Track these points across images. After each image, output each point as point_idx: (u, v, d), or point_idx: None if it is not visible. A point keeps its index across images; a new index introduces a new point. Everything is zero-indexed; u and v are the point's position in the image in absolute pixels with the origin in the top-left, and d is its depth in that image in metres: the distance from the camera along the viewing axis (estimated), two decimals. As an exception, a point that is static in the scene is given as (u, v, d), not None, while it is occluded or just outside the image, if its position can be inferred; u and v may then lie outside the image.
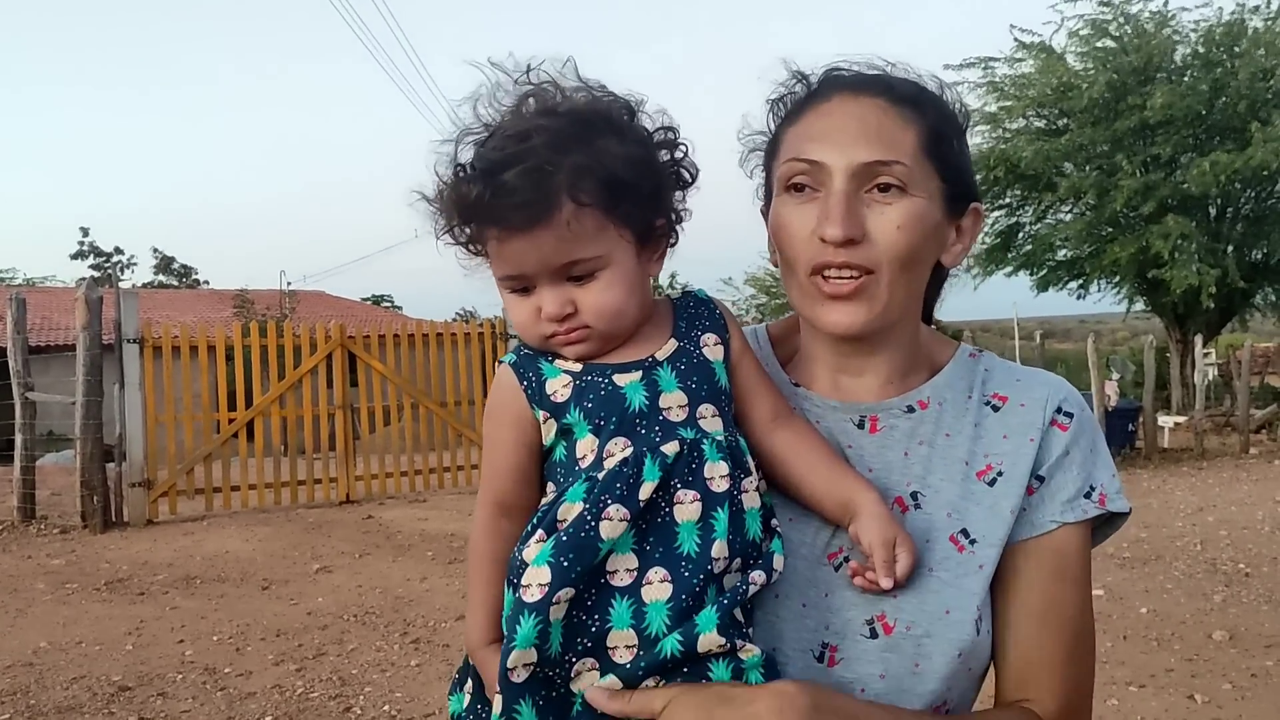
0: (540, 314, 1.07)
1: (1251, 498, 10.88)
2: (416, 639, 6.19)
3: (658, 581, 1.01)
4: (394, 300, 43.83)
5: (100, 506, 10.34)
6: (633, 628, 1.00)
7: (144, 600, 7.38)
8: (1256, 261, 20.56)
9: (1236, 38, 18.71)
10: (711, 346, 1.13)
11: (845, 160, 1.10)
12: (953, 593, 1.10)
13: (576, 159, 1.02)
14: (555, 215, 1.02)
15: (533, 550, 1.02)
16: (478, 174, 1.04)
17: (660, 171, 1.10)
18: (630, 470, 1.02)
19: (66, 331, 22.47)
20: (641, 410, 1.06)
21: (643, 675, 1.00)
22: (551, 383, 1.09)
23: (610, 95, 1.10)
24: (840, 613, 1.11)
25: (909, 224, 1.10)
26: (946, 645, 1.08)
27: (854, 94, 1.14)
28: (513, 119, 1.07)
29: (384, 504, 12.04)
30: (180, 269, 51.27)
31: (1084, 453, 1.18)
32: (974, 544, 1.13)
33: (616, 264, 1.07)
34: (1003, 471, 1.16)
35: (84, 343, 10.45)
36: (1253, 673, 5.21)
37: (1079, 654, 1.16)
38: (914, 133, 1.11)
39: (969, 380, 1.23)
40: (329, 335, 12.51)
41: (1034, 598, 1.15)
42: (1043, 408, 1.19)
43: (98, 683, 5.48)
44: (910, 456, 1.17)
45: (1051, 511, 1.16)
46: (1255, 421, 17.07)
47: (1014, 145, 19.50)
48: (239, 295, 27.63)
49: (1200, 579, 7.27)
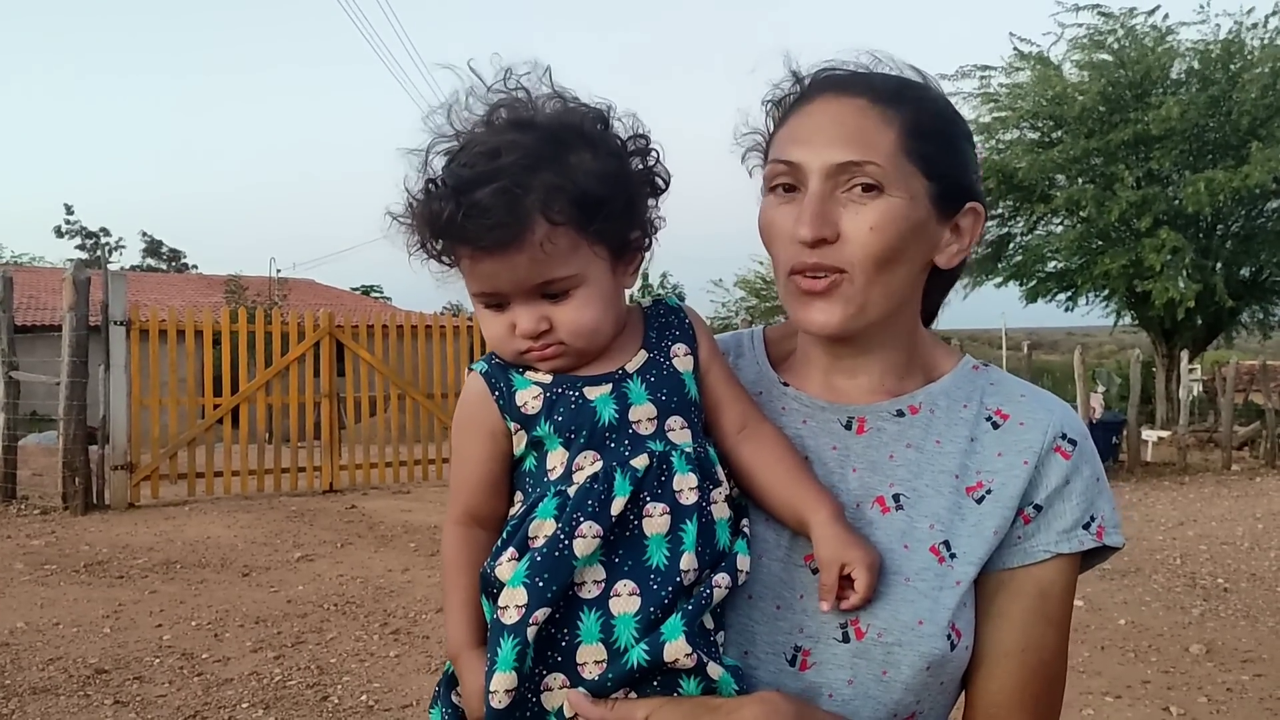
0: (514, 330, 1.07)
1: (1232, 514, 10.94)
2: (396, 630, 6.18)
3: (625, 594, 1.01)
4: (383, 291, 43.68)
5: (82, 488, 10.29)
6: (601, 641, 1.00)
7: (123, 584, 7.34)
8: (1244, 279, 20.71)
9: (1233, 55, 18.82)
10: (681, 357, 1.12)
11: (820, 161, 1.10)
12: (927, 604, 1.09)
13: (549, 177, 1.01)
14: (528, 236, 1.01)
15: (506, 569, 1.02)
16: (449, 191, 1.02)
17: (634, 183, 1.09)
18: (601, 486, 1.03)
19: (53, 311, 22.34)
20: (611, 424, 1.06)
21: (611, 687, 1.00)
22: (522, 394, 1.08)
23: (582, 105, 1.09)
24: (815, 616, 1.10)
25: (883, 224, 1.09)
26: (915, 656, 1.07)
27: (837, 94, 1.14)
28: (484, 132, 1.05)
29: (368, 494, 12.01)
30: (168, 253, 51.10)
31: (1086, 482, 1.16)
32: (954, 558, 1.12)
33: (591, 281, 1.06)
34: (992, 490, 1.15)
35: (70, 323, 10.39)
36: (1228, 687, 5.24)
37: (1049, 697, 1.16)
38: (894, 131, 1.10)
39: (969, 391, 1.21)
40: (317, 324, 12.47)
41: (1014, 633, 1.14)
42: (1043, 431, 1.17)
43: (74, 665, 5.45)
44: (896, 459, 1.16)
45: (1047, 541, 1.15)
46: (1238, 438, 17.16)
47: (1008, 156, 19.58)
48: (231, 280, 27.54)
49: (1179, 592, 7.31)
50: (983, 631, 1.14)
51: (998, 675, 1.14)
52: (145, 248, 50.71)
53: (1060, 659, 1.17)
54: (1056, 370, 28.44)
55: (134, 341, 11.09)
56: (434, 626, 6.24)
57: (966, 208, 1.17)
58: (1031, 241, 21.49)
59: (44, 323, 23.17)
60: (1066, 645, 1.19)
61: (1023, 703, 1.14)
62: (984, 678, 1.14)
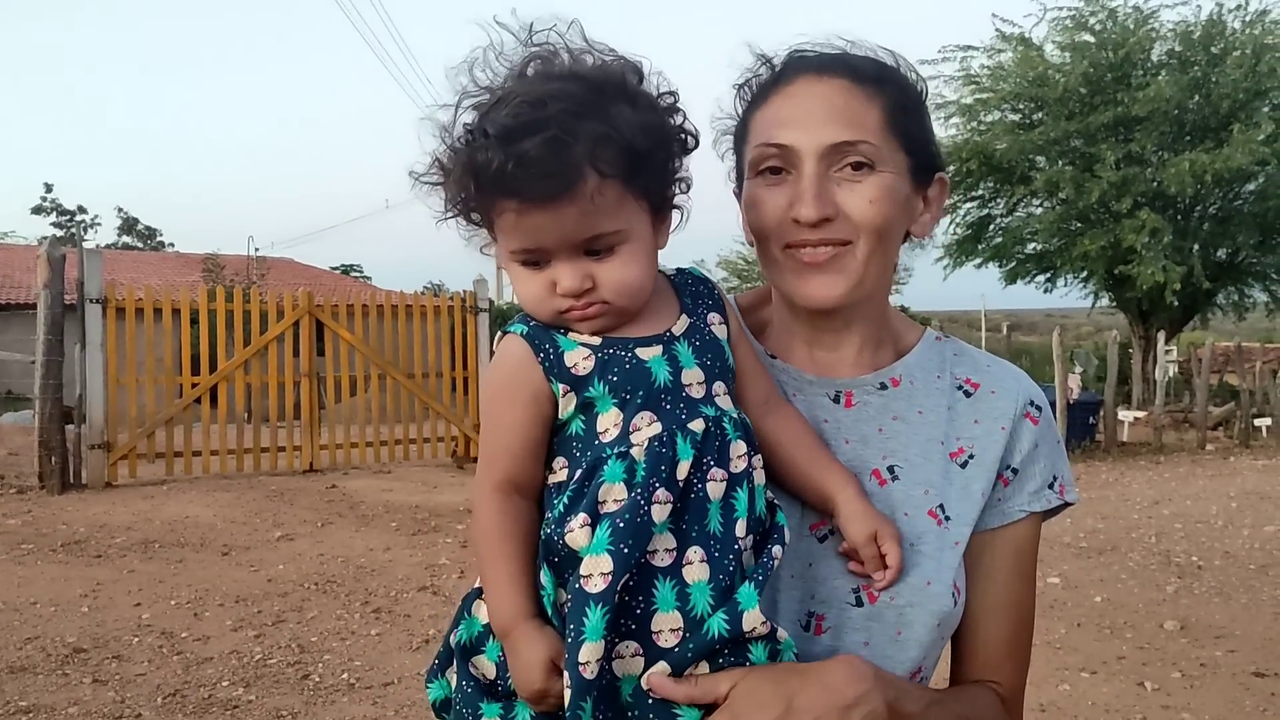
0: (554, 289, 1.03)
1: (1206, 493, 11.07)
2: (378, 608, 6.18)
3: (697, 561, 1.00)
4: (363, 270, 43.42)
5: (58, 467, 10.22)
6: (678, 610, 0.99)
7: (101, 563, 7.30)
8: (1221, 261, 20.86)
9: (1214, 37, 18.89)
10: (718, 325, 1.12)
11: (814, 142, 1.12)
12: (933, 565, 1.14)
13: (596, 127, 0.98)
14: (580, 187, 0.98)
15: (581, 536, 0.98)
16: (494, 141, 0.97)
17: (671, 138, 1.08)
18: (668, 450, 1.01)
19: (28, 290, 22.10)
20: (666, 385, 1.04)
21: (691, 659, 0.98)
22: (571, 355, 1.05)
23: (619, 58, 1.06)
24: (826, 582, 1.14)
25: (881, 197, 1.13)
26: (927, 615, 1.13)
27: (818, 75, 1.16)
28: (522, 83, 1.02)
29: (348, 474, 11.97)
30: (145, 230, 50.56)
31: (1050, 445, 1.25)
32: (949, 520, 1.18)
33: (635, 237, 1.04)
34: (974, 455, 1.21)
35: (45, 301, 10.28)
36: (1202, 662, 5.31)
37: (1027, 644, 1.27)
38: (878, 110, 1.14)
39: (939, 362, 1.27)
40: (297, 303, 12.39)
41: (999, 590, 1.23)
42: (1014, 399, 1.24)
43: (52, 644, 5.42)
44: (885, 432, 1.21)
45: (1020, 501, 1.23)
46: (1213, 419, 17.35)
47: (988, 137, 19.62)
48: (209, 259, 27.28)
49: (1154, 570, 7.39)
50: (972, 590, 1.21)
51: (988, 628, 1.22)
52: (121, 225, 50.16)
53: (1032, 610, 1.27)
54: (1035, 351, 28.62)
55: (110, 320, 11.00)
56: (415, 605, 6.24)
57: (935, 178, 1.23)
58: (1011, 223, 21.58)
59: (19, 301, 22.91)
60: (1035, 597, 1.29)
61: (1010, 652, 1.24)
62: (976, 632, 1.23)
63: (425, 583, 6.78)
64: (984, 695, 1.21)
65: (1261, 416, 16.84)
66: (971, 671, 1.23)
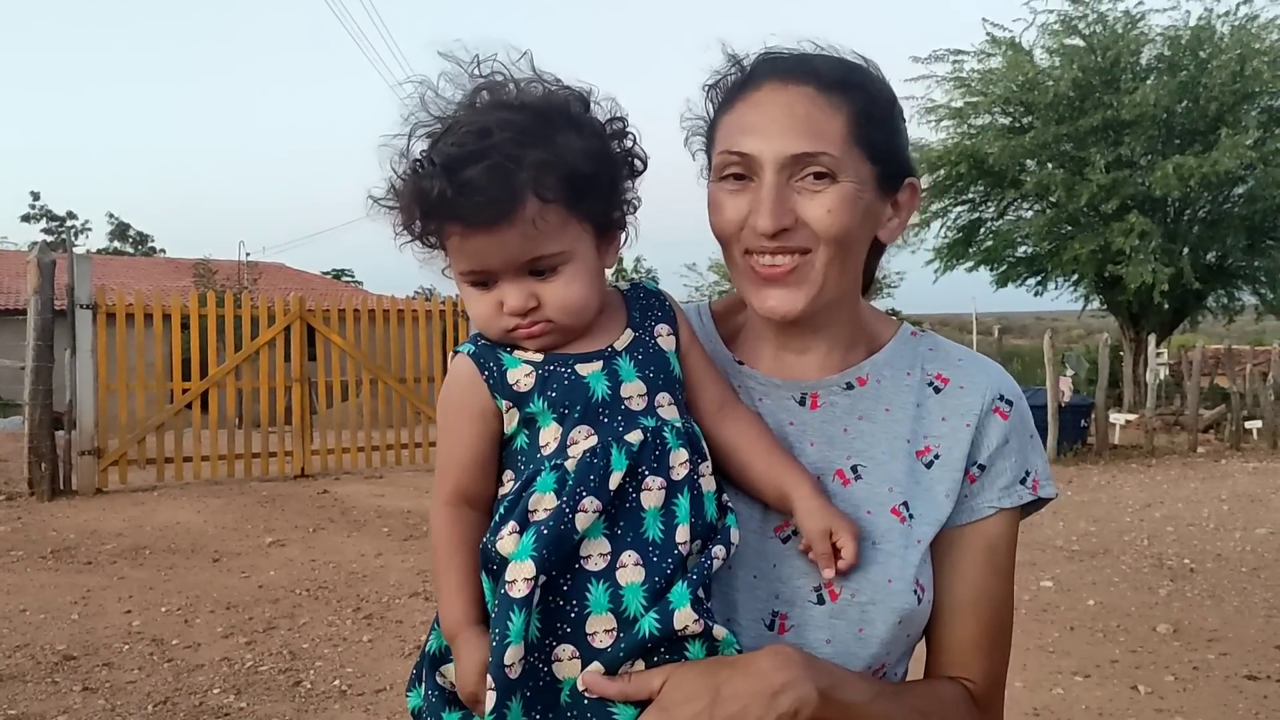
0: (502, 308, 1.08)
1: (1198, 495, 11.10)
2: (369, 615, 6.16)
3: (631, 565, 1.04)
4: (355, 275, 43.33)
5: (48, 474, 10.16)
6: (610, 611, 1.02)
7: (91, 570, 7.26)
8: (1211, 264, 20.95)
9: (1203, 41, 18.98)
10: (664, 337, 1.16)
11: (774, 152, 1.13)
12: (896, 563, 1.15)
13: (539, 155, 1.03)
14: (520, 212, 1.02)
15: (509, 543, 1.02)
16: (438, 170, 1.03)
17: (616, 163, 1.12)
18: (600, 461, 1.04)
19: (17, 295, 22.00)
20: (604, 399, 1.09)
21: (623, 658, 1.02)
22: (513, 372, 1.09)
23: (564, 87, 1.11)
24: (789, 582, 1.16)
25: (839, 207, 1.13)
26: (889, 612, 1.14)
27: (783, 83, 1.16)
28: (469, 113, 1.06)
29: (340, 479, 11.94)
30: (136, 236, 50.45)
31: (1022, 439, 1.25)
32: (913, 519, 1.18)
33: (578, 258, 1.09)
34: (939, 455, 1.22)
35: (35, 307, 10.23)
36: (1194, 665, 5.32)
37: (1002, 640, 1.26)
38: (842, 119, 1.14)
39: (910, 358, 1.28)
40: (288, 308, 12.35)
41: (969, 587, 1.22)
42: (982, 394, 1.24)
43: (41, 651, 5.39)
44: (850, 432, 1.22)
45: (990, 497, 1.23)
46: (1204, 421, 17.40)
47: (979, 141, 19.69)
48: (200, 264, 27.21)
49: (1146, 573, 7.41)
50: (940, 586, 1.21)
51: (957, 625, 1.22)
52: (112, 230, 50.04)
53: (1009, 605, 1.27)
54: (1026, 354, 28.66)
55: (100, 325, 10.94)
56: (408, 611, 6.22)
57: (905, 184, 1.23)
58: (1002, 226, 21.66)
59: (8, 306, 22.82)
60: (1012, 593, 1.28)
61: (981, 648, 1.23)
62: (945, 628, 1.23)
63: (417, 589, 6.75)
64: (949, 690, 1.22)
65: (1252, 419, 16.89)
66: (942, 667, 1.24)
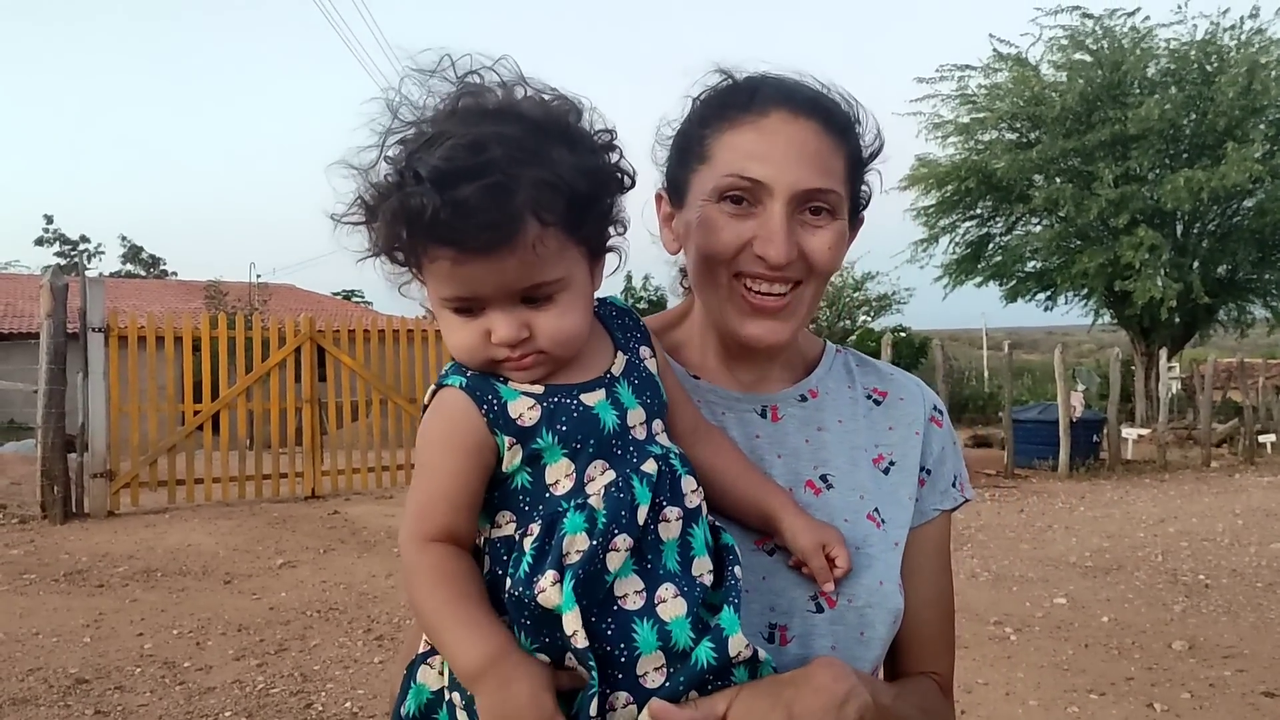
0: (489, 337, 0.99)
1: (1212, 510, 11.02)
2: (380, 636, 6.15)
3: (670, 598, 0.99)
4: (364, 296, 43.45)
5: (61, 497, 10.19)
6: (660, 649, 0.97)
7: (103, 592, 7.27)
8: (1221, 277, 20.89)
9: (1210, 56, 18.99)
10: (649, 359, 1.10)
11: (787, 184, 1.13)
12: (882, 565, 1.19)
13: (539, 173, 0.93)
14: (521, 237, 0.93)
15: (553, 594, 0.94)
16: (427, 185, 0.92)
17: (611, 181, 1.03)
18: (625, 495, 0.99)
19: (30, 319, 22.13)
20: (615, 430, 1.02)
21: (683, 691, 0.97)
22: (515, 405, 1.00)
23: (557, 95, 1.01)
24: (784, 594, 1.16)
25: (837, 245, 1.18)
26: (885, 614, 1.17)
27: (794, 114, 1.16)
28: (455, 123, 0.96)
29: (350, 500, 11.94)
30: (148, 258, 50.72)
31: (951, 447, 1.34)
32: (885, 523, 1.23)
33: (574, 285, 1.01)
34: (895, 461, 1.28)
35: (48, 330, 10.29)
36: (1211, 682, 5.27)
37: (953, 633, 1.34)
38: (842, 159, 1.18)
39: (843, 373, 1.33)
40: (298, 329, 12.40)
41: (928, 587, 1.28)
42: (921, 404, 1.32)
43: (54, 675, 5.39)
44: (812, 443, 1.25)
45: (934, 500, 1.31)
46: (1217, 435, 17.32)
47: (986, 156, 19.70)
48: (211, 286, 27.34)
49: (1161, 589, 7.35)
50: (905, 587, 1.24)
51: (923, 622, 1.28)
52: (124, 254, 50.32)
53: (953, 601, 1.35)
54: (1037, 369, 28.58)
55: (113, 348, 11.00)
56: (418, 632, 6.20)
57: (859, 218, 1.28)
58: (1010, 242, 21.65)
59: (21, 330, 22.93)
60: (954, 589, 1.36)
61: (943, 642, 1.31)
62: (913, 626, 1.26)
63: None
64: (929, 686, 1.28)
65: (1266, 433, 16.82)
66: (913, 664, 1.28)
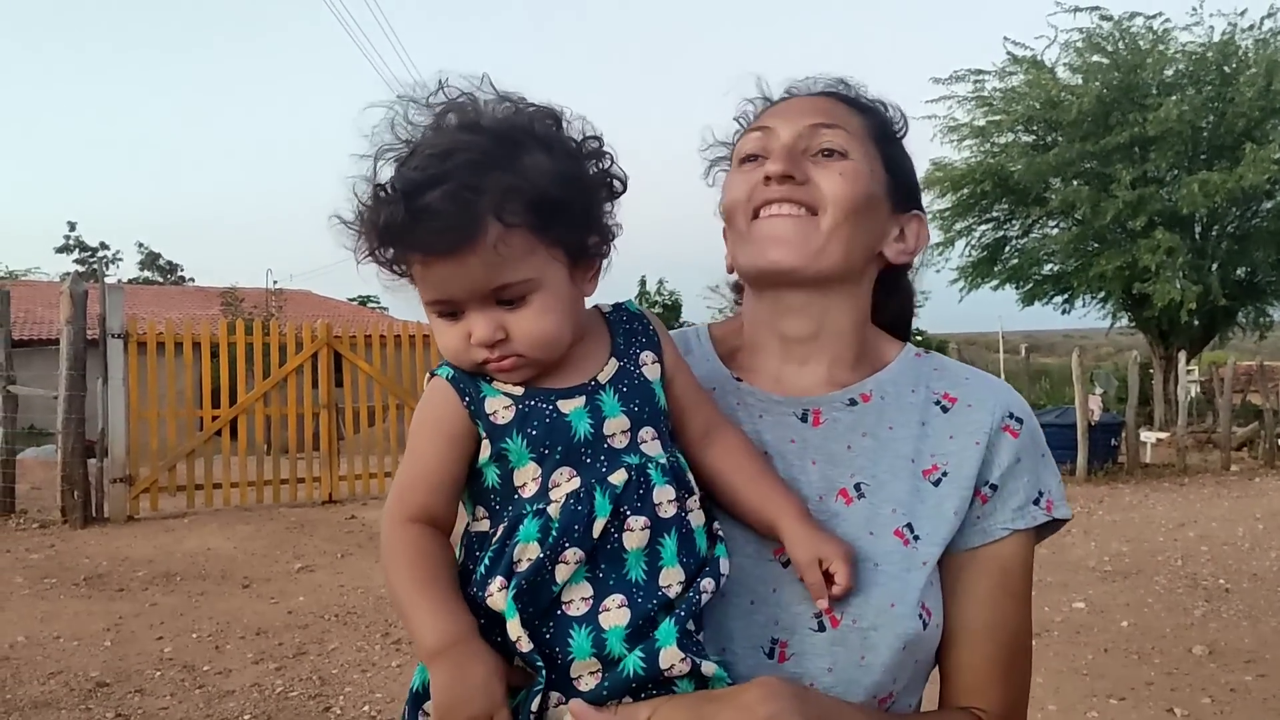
0: (470, 339, 1.02)
1: (1232, 514, 10.94)
2: (398, 640, 6.16)
3: (615, 608, 1.00)
4: (380, 301, 43.59)
5: (81, 502, 10.27)
6: (594, 655, 0.99)
7: (123, 597, 7.33)
8: (1240, 279, 20.72)
9: (1228, 57, 18.87)
10: (649, 365, 1.10)
11: (791, 124, 1.19)
12: (897, 586, 1.11)
13: (502, 178, 0.97)
14: (480, 238, 0.96)
15: (499, 599, 0.99)
16: (398, 195, 0.98)
17: (591, 185, 1.05)
18: (583, 508, 1.00)
19: (50, 326, 22.30)
20: (586, 439, 1.03)
21: (607, 696, 0.99)
22: (491, 402, 1.04)
23: (533, 106, 1.05)
24: (789, 608, 1.12)
25: (851, 174, 1.16)
26: (892, 638, 1.10)
27: (808, 93, 1.26)
28: (434, 136, 1.01)
29: (367, 504, 11.98)
30: (166, 265, 51.09)
31: (1034, 459, 1.21)
32: (918, 540, 1.15)
33: (548, 287, 1.02)
34: (947, 473, 1.18)
35: (68, 337, 10.37)
36: (1231, 687, 5.23)
37: (1020, 665, 1.21)
38: (860, 120, 1.21)
39: (914, 376, 1.25)
40: (315, 334, 12.46)
41: (982, 611, 1.18)
42: (991, 411, 1.21)
43: (75, 678, 5.44)
44: (854, 449, 1.19)
45: (1003, 518, 1.19)
46: (1237, 439, 17.18)
47: (1002, 159, 19.62)
48: (228, 292, 27.51)
49: (1181, 594, 7.30)
50: (951, 611, 1.17)
51: (971, 651, 1.18)
52: (143, 260, 50.70)
53: (1026, 631, 1.22)
54: (1054, 372, 28.44)
55: (132, 354, 11.08)
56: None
57: (912, 213, 1.25)
58: (1028, 244, 21.53)
59: (42, 337, 23.12)
60: (1030, 617, 1.23)
61: (995, 676, 1.18)
62: (957, 655, 1.18)
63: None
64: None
65: (1286, 436, 16.66)
66: (955, 696, 1.19)
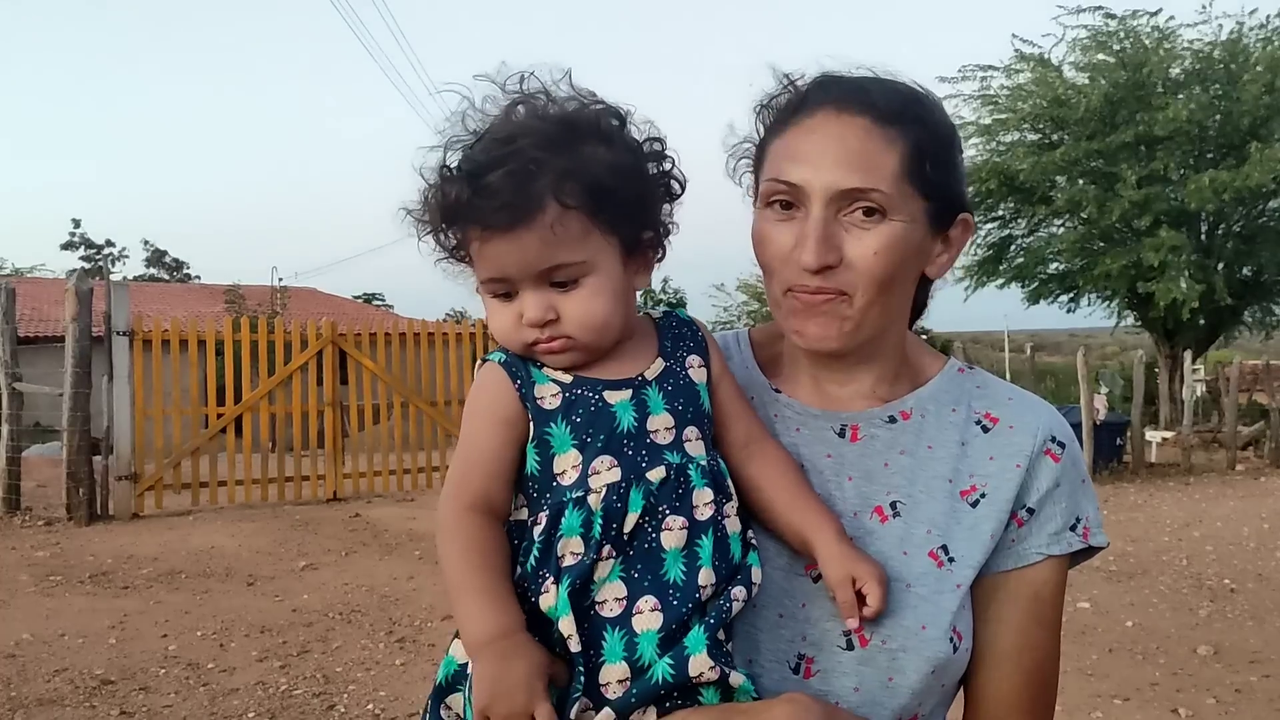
0: (522, 320, 1.05)
1: (1237, 514, 10.91)
2: (402, 638, 6.17)
3: (648, 610, 0.99)
4: (385, 299, 43.69)
5: (86, 499, 10.29)
6: (625, 660, 0.98)
7: (128, 594, 7.34)
8: (1245, 279, 20.68)
9: (1235, 56, 18.82)
10: (696, 369, 1.11)
11: (823, 184, 1.08)
12: (929, 608, 1.10)
13: (562, 161, 1.01)
14: (538, 216, 1.00)
15: (550, 597, 0.99)
16: (462, 175, 1.03)
17: (648, 181, 1.09)
18: (620, 504, 1.01)
19: (55, 323, 22.33)
20: (630, 430, 1.04)
21: (634, 704, 0.98)
22: (540, 388, 1.06)
23: (600, 102, 1.09)
24: (818, 624, 1.10)
25: (886, 249, 1.09)
26: (921, 661, 1.08)
27: (838, 111, 1.11)
28: (500, 124, 1.06)
29: (372, 502, 12.00)
30: (171, 262, 51.15)
31: (1073, 484, 1.19)
32: (952, 562, 1.13)
33: (601, 271, 1.05)
34: (986, 494, 1.16)
35: (73, 334, 10.40)
36: (1236, 688, 5.22)
37: (1045, 695, 1.19)
38: (896, 154, 1.09)
39: (956, 394, 1.22)
40: (320, 332, 12.48)
41: (1010, 637, 1.16)
42: (1033, 434, 1.18)
43: (80, 676, 5.45)
44: (891, 467, 1.16)
45: (1039, 543, 1.17)
46: (1242, 438, 17.13)
47: (1008, 158, 19.58)
48: (231, 290, 27.55)
49: (1186, 594, 7.29)
50: (980, 634, 1.15)
51: (997, 677, 1.16)
52: (148, 257, 50.78)
53: (1054, 659, 1.19)
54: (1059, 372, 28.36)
55: (137, 352, 11.11)
56: (440, 634, 6.22)
57: (958, 219, 1.18)
58: (1033, 243, 21.50)
59: (47, 334, 23.17)
60: (1059, 645, 1.21)
61: (1021, 703, 1.16)
62: (984, 679, 1.16)
63: (449, 611, 6.76)
64: None
65: (1292, 435, 16.60)
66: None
